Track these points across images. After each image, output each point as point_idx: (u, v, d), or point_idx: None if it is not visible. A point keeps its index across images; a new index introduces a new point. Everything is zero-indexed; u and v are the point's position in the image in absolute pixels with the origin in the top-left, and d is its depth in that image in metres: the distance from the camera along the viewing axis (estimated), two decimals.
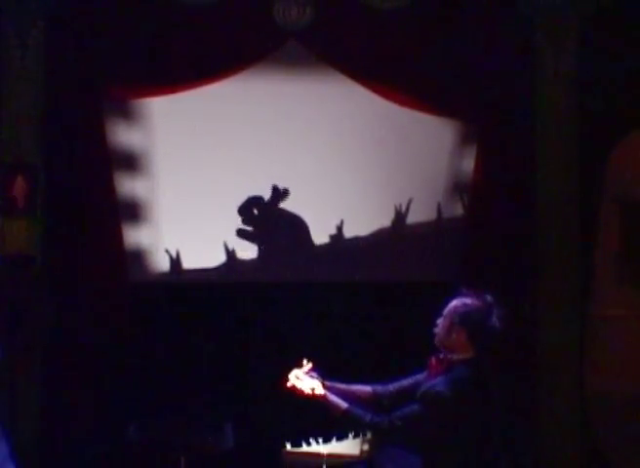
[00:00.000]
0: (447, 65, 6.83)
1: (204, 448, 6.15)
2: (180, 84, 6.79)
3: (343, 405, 5.04)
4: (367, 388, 5.28)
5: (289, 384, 5.17)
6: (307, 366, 5.22)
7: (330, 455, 5.05)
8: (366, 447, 5.03)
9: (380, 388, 5.25)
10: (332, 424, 5.21)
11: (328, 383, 5.20)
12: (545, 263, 6.83)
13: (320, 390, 5.12)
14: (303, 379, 5.16)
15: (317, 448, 5.08)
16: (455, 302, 5.07)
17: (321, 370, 5.25)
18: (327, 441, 5.10)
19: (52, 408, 6.53)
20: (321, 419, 5.77)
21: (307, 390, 5.12)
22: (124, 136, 6.91)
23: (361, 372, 5.47)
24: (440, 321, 5.08)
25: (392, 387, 5.22)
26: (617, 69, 6.82)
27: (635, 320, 6.69)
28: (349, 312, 6.92)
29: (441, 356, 5.05)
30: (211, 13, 6.68)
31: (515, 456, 6.31)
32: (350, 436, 5.10)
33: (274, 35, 6.83)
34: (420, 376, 5.14)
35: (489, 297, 5.02)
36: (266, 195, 7.00)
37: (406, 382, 5.18)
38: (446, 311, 5.07)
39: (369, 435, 5.02)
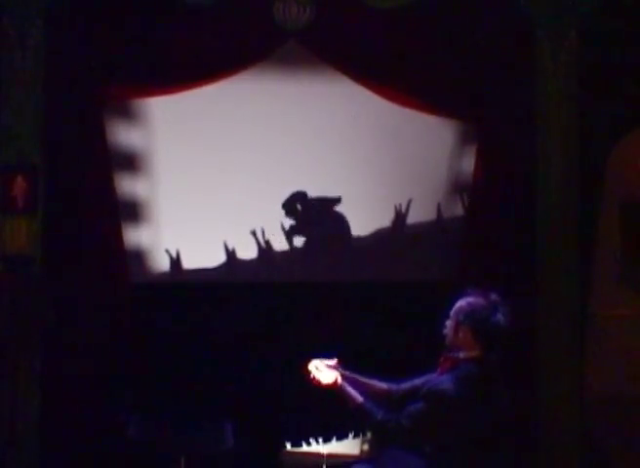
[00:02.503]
0: (447, 65, 6.83)
1: (204, 448, 6.16)
2: (180, 84, 6.79)
3: (359, 398, 5.02)
4: (383, 385, 5.28)
5: (307, 372, 5.15)
6: (334, 360, 5.22)
7: (330, 455, 5.06)
8: (366, 447, 5.03)
9: (394, 386, 5.25)
10: (332, 424, 5.21)
11: (347, 373, 5.20)
12: (545, 263, 6.83)
13: (337, 381, 5.10)
14: (322, 370, 5.15)
15: (317, 447, 5.08)
16: (459, 302, 5.09)
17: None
18: (327, 441, 5.11)
19: (52, 407, 6.53)
20: (321, 419, 5.78)
21: (324, 380, 5.12)
22: (124, 136, 6.91)
23: (360, 373, 5.45)
24: (448, 322, 5.10)
25: (405, 386, 5.21)
26: (617, 68, 6.82)
27: (636, 320, 6.69)
28: (349, 312, 6.92)
29: (450, 355, 5.05)
30: (211, 13, 6.67)
31: (515, 456, 6.30)
32: (350, 436, 5.11)
33: (274, 35, 6.83)
34: (432, 376, 5.14)
35: (494, 295, 5.05)
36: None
37: (418, 381, 5.17)
38: (452, 312, 5.10)
39: (369, 435, 5.03)
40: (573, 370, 6.76)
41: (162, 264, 6.99)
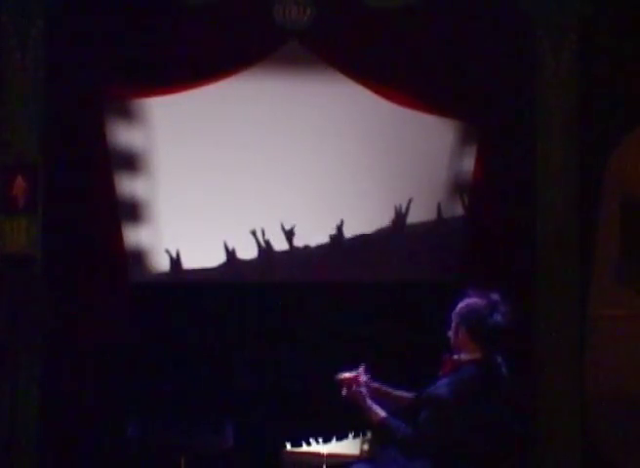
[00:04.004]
0: (447, 65, 6.83)
1: (204, 448, 6.16)
2: (180, 84, 6.79)
3: (381, 413, 4.96)
4: (408, 394, 5.25)
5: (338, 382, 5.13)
6: (361, 368, 5.17)
7: (330, 455, 5.06)
8: (366, 447, 5.03)
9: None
10: (332, 424, 5.21)
11: (375, 385, 5.17)
12: (545, 263, 6.84)
13: (361, 394, 5.04)
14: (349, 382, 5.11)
15: (317, 447, 5.09)
16: (460, 303, 5.08)
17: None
18: (327, 441, 5.11)
19: (52, 407, 6.53)
20: (321, 419, 5.78)
21: (349, 393, 5.06)
22: (124, 136, 6.91)
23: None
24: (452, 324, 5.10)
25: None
26: (617, 69, 6.82)
27: (635, 320, 6.69)
28: (349, 312, 6.91)
29: (455, 357, 5.03)
30: (211, 13, 6.67)
31: (515, 456, 6.30)
32: (350, 436, 5.11)
33: (274, 35, 6.83)
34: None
35: (494, 296, 5.02)
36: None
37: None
38: (453, 313, 5.09)
39: (369, 435, 5.03)
40: (573, 370, 6.77)
41: (162, 264, 6.99)
